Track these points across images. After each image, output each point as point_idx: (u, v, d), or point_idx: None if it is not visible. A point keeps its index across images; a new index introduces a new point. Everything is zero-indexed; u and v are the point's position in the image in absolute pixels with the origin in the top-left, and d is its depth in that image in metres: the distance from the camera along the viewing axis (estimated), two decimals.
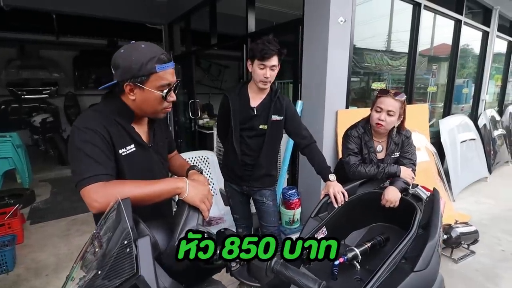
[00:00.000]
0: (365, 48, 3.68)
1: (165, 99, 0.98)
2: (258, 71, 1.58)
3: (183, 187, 0.89)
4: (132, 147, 1.03)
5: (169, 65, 0.95)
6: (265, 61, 1.54)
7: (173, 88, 0.99)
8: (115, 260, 0.59)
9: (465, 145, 4.24)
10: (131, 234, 0.60)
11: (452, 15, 3.80)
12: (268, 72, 1.57)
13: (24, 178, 4.15)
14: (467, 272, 2.36)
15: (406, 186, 1.55)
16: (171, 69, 0.96)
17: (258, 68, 1.58)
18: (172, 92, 1.00)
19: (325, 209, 1.54)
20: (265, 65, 1.56)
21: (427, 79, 4.28)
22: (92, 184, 0.85)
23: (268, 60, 1.54)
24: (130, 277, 0.56)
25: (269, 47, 1.53)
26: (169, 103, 1.02)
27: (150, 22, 5.21)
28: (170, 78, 0.96)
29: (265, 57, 1.53)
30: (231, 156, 1.79)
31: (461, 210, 3.45)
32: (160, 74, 0.93)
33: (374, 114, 1.62)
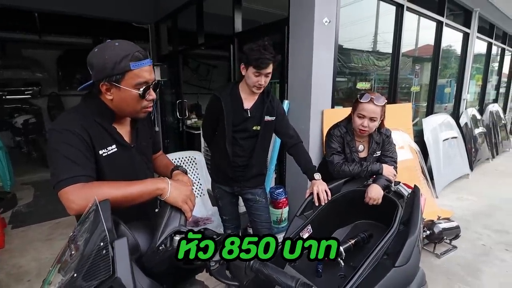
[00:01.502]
0: (352, 49, 3.73)
1: (143, 98, 0.96)
2: (253, 78, 1.57)
3: (165, 188, 0.88)
4: (113, 147, 1.01)
5: (144, 63, 0.93)
6: (261, 70, 1.53)
7: (152, 86, 0.98)
8: (92, 262, 0.59)
9: (447, 143, 4.37)
10: (108, 236, 0.60)
11: (433, 17, 3.91)
12: (263, 79, 1.57)
13: (5, 181, 4.01)
14: (450, 266, 2.43)
15: (389, 184, 1.58)
16: (147, 66, 0.94)
17: (253, 75, 1.56)
18: (152, 90, 0.98)
19: (310, 207, 1.56)
20: (260, 73, 1.55)
21: (411, 79, 4.39)
22: (70, 185, 0.84)
23: (264, 69, 1.54)
24: (106, 279, 0.55)
25: (265, 55, 1.50)
26: (149, 102, 1.00)
27: (136, 21, 5.13)
28: (146, 75, 0.94)
29: (261, 66, 1.52)
30: (222, 158, 1.77)
31: (444, 207, 3.55)
32: (136, 71, 0.92)
33: (357, 120, 1.64)
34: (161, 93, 5.32)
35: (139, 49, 0.94)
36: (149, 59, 0.95)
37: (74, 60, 6.27)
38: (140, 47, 0.96)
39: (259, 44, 1.52)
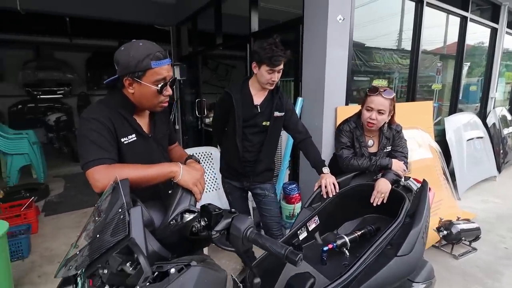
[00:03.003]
0: (374, 47, 3.69)
1: (161, 93, 1.06)
2: (266, 76, 1.61)
3: (177, 171, 0.97)
4: (133, 136, 1.12)
5: (164, 62, 1.03)
6: (275, 67, 1.58)
7: (169, 83, 1.07)
8: (112, 226, 0.68)
9: (472, 143, 4.19)
10: (125, 204, 0.69)
11: (457, 12, 3.77)
12: (276, 75, 1.62)
13: (39, 173, 4.35)
14: (467, 268, 2.36)
15: (398, 178, 1.59)
16: (166, 65, 1.04)
17: (266, 72, 1.60)
18: (168, 86, 1.08)
19: (318, 199, 1.60)
20: (274, 70, 1.59)
21: (435, 77, 4.24)
22: (95, 166, 0.95)
23: (278, 66, 1.58)
24: (123, 238, 0.64)
25: (278, 53, 1.54)
26: (165, 97, 1.09)
27: (159, 23, 5.35)
28: (165, 73, 1.03)
29: (275, 64, 1.56)
30: (232, 153, 1.82)
31: (467, 209, 3.43)
32: (156, 69, 1.01)
33: (365, 113, 1.66)
34: (181, 93, 5.51)
35: (160, 49, 1.04)
36: (168, 58, 1.05)
37: (101, 61, 6.65)
38: (161, 48, 1.06)
39: (270, 42, 1.56)
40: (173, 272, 0.65)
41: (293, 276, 1.27)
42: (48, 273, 2.35)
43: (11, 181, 4.07)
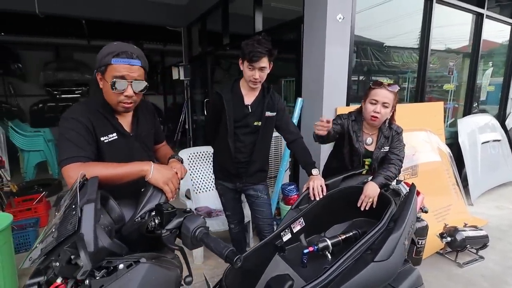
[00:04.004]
0: (392, 46, 3.60)
1: (114, 89, 1.05)
2: (248, 72, 1.60)
3: (148, 170, 0.98)
4: (114, 135, 1.15)
5: (124, 60, 1.04)
6: (254, 63, 1.55)
7: (130, 84, 1.07)
8: (64, 221, 0.71)
9: (488, 146, 3.99)
10: (78, 200, 0.71)
11: (471, 9, 3.60)
12: (257, 73, 1.59)
13: (54, 170, 4.57)
14: (472, 277, 2.25)
15: (387, 182, 1.54)
16: (127, 64, 1.05)
17: (247, 69, 1.59)
18: (129, 86, 1.07)
19: (306, 201, 1.58)
20: (253, 67, 1.57)
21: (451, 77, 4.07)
22: (70, 164, 0.99)
23: (257, 62, 1.55)
24: (72, 234, 0.67)
25: (258, 49, 1.52)
26: (125, 98, 1.09)
27: (170, 25, 5.47)
28: (123, 71, 1.05)
29: (253, 59, 1.54)
30: (224, 155, 1.81)
31: (478, 215, 3.27)
32: (114, 66, 1.04)
33: (369, 106, 1.61)
34: (191, 93, 5.60)
35: (129, 49, 1.06)
36: (134, 60, 1.06)
37: None
38: (134, 49, 1.09)
39: (254, 38, 1.56)
40: (121, 268, 0.67)
41: (272, 278, 1.26)
42: None
43: (28, 176, 4.29)
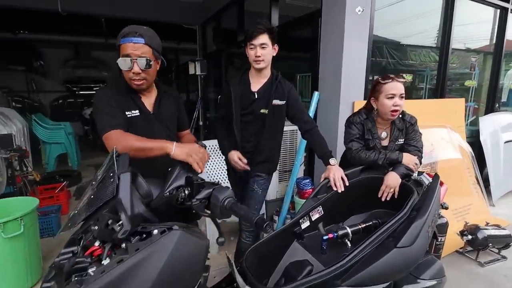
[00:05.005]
0: (409, 45, 3.53)
1: (122, 68, 1.16)
2: (250, 52, 1.59)
3: (170, 147, 1.05)
4: (136, 112, 1.26)
5: (128, 39, 1.12)
6: (253, 40, 1.55)
7: (136, 61, 1.14)
8: (102, 187, 0.74)
9: (510, 145, 3.85)
10: (116, 169, 0.75)
11: (495, 3, 3.49)
12: (258, 51, 1.56)
13: (73, 161, 4.71)
14: (494, 277, 2.18)
15: (409, 172, 1.51)
16: (131, 43, 1.13)
17: (249, 49, 1.59)
18: (135, 64, 1.14)
19: (324, 191, 1.57)
20: (254, 45, 1.56)
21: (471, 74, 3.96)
22: (110, 130, 1.13)
23: (256, 38, 1.55)
24: (111, 199, 0.70)
25: (256, 26, 1.54)
26: (134, 75, 1.17)
27: (186, 22, 5.55)
28: (128, 50, 1.13)
29: (252, 36, 1.55)
30: (231, 143, 1.76)
31: (501, 216, 3.16)
32: (122, 45, 1.13)
33: (387, 102, 1.56)
34: (204, 90, 5.65)
35: (134, 29, 1.14)
36: (136, 38, 1.13)
37: None
38: (140, 28, 1.16)
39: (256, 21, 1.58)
40: (155, 233, 0.70)
41: (292, 263, 1.27)
42: None
43: (49, 167, 4.45)
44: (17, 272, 1.97)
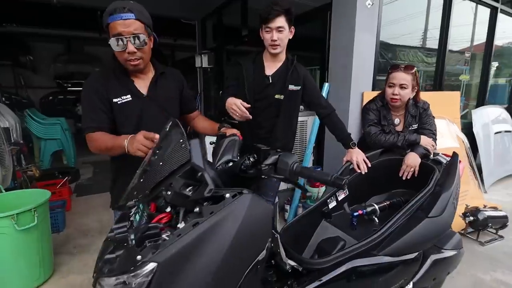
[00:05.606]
0: (397, 45, 3.65)
1: (115, 48, 1.06)
2: (266, 36, 1.50)
3: (123, 144, 1.02)
4: (128, 97, 1.17)
5: (117, 16, 1.00)
6: (270, 23, 1.44)
7: (128, 39, 1.04)
8: (173, 153, 0.76)
9: (500, 136, 4.08)
10: (186, 136, 0.77)
11: (487, 2, 3.68)
12: (275, 34, 1.46)
13: (70, 159, 4.60)
14: (494, 253, 2.34)
15: (427, 153, 1.60)
16: (121, 20, 1.00)
17: (265, 32, 1.50)
18: (129, 43, 1.04)
19: (347, 173, 1.64)
20: (270, 28, 1.46)
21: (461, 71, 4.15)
22: (88, 133, 1.14)
23: (273, 21, 1.44)
24: (185, 162, 0.73)
25: (273, 7, 1.43)
26: (130, 55, 1.08)
27: (185, 17, 5.48)
28: (119, 28, 1.01)
29: (268, 18, 1.44)
30: (243, 130, 1.60)
31: (493, 201, 3.33)
32: (111, 24, 1.01)
33: (388, 90, 1.70)
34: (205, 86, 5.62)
35: (121, 4, 1.02)
36: (126, 13, 1.01)
37: None
38: (127, 3, 1.03)
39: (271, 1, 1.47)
40: (227, 197, 0.73)
41: (324, 240, 1.33)
42: (83, 245, 2.50)
43: (44, 165, 4.30)
44: (30, 267, 1.89)
